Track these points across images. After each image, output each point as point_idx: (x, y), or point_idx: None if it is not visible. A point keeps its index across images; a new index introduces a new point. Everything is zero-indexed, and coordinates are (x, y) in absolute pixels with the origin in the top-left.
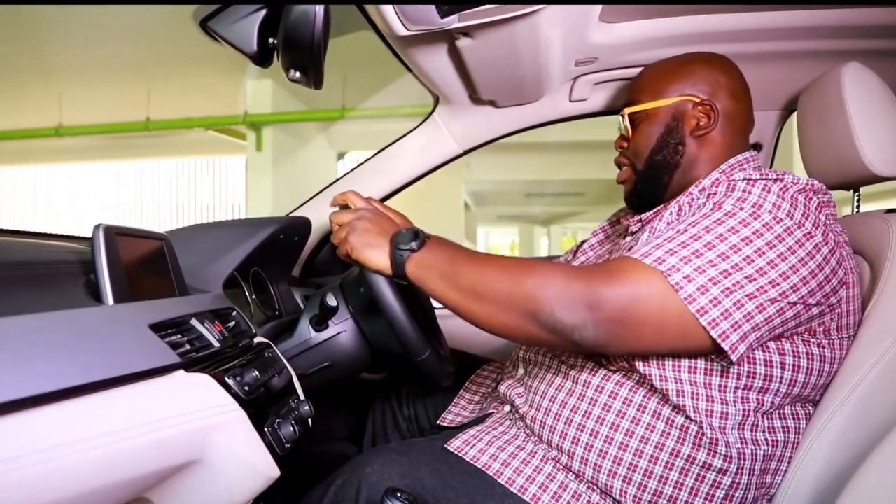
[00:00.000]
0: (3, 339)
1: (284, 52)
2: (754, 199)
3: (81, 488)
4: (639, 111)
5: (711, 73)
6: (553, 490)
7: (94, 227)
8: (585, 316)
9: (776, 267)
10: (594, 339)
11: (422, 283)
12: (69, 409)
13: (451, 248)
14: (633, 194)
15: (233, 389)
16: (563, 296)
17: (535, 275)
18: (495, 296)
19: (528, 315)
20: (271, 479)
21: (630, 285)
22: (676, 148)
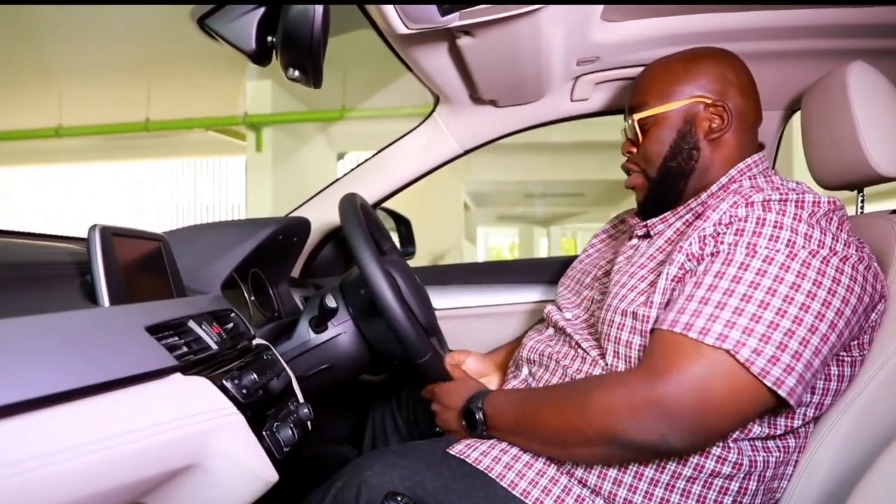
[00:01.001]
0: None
1: (283, 51)
2: (787, 235)
3: (76, 494)
4: (648, 116)
5: (719, 71)
6: (556, 494)
7: (90, 228)
8: (663, 430)
9: (830, 305)
10: (681, 448)
11: (510, 443)
12: (64, 413)
13: (511, 402)
14: (646, 201)
15: (231, 392)
16: (631, 414)
17: (593, 402)
18: (571, 439)
19: (610, 445)
20: (270, 484)
21: (694, 377)
22: (691, 153)
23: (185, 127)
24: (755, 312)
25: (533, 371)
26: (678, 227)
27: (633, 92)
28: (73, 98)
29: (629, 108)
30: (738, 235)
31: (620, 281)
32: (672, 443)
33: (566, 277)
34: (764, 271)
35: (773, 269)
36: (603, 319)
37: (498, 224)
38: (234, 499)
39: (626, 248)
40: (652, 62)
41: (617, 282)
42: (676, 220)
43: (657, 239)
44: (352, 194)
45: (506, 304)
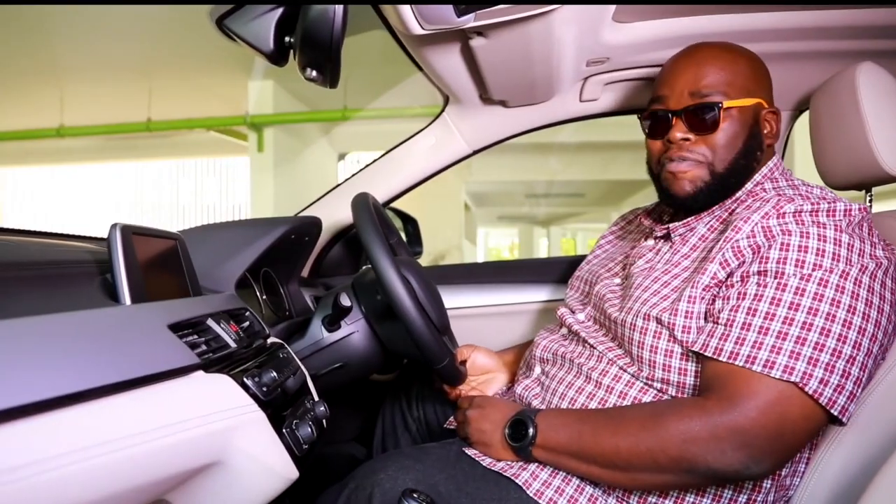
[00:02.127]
0: (20, 339)
1: (302, 51)
2: (832, 249)
3: (102, 492)
4: (734, 106)
5: (769, 78)
6: (570, 495)
7: (111, 226)
8: (743, 458)
9: (879, 324)
10: (761, 473)
11: (555, 466)
12: (90, 410)
13: (570, 424)
14: (698, 196)
15: (251, 390)
16: (710, 444)
17: (669, 428)
18: (640, 464)
19: (683, 472)
20: (290, 481)
21: (771, 408)
22: (756, 155)
23: (186, 127)
24: (818, 341)
25: (546, 370)
26: (703, 233)
27: (694, 74)
28: (75, 98)
29: (693, 92)
30: (783, 251)
31: (643, 285)
32: (753, 470)
33: (575, 279)
34: (820, 296)
35: (828, 293)
36: (623, 321)
37: (498, 224)
38: (255, 496)
39: (644, 250)
40: (705, 47)
41: (639, 285)
42: (700, 226)
43: (680, 244)
44: (364, 194)
45: (514, 304)
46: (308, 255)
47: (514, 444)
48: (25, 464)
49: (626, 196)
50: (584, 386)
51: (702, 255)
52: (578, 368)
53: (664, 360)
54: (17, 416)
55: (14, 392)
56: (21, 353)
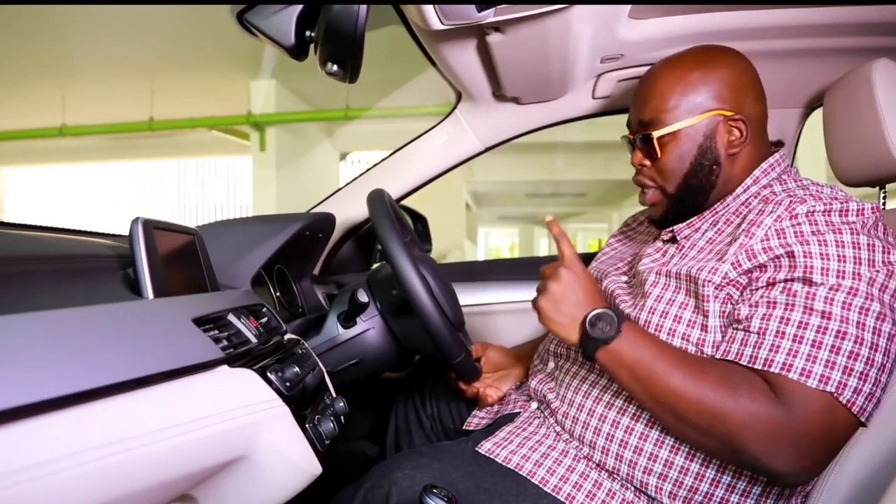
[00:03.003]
0: (47, 333)
1: (324, 45)
2: (853, 253)
3: (130, 488)
4: (667, 133)
5: (735, 79)
6: (587, 489)
7: (133, 220)
8: (790, 462)
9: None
10: (798, 482)
11: (610, 373)
12: (119, 404)
13: (650, 346)
14: (665, 217)
15: (274, 385)
16: (770, 440)
17: (743, 406)
18: (696, 420)
19: (728, 449)
20: (314, 476)
21: (818, 417)
22: (711, 169)
23: (188, 126)
24: (851, 349)
25: (560, 364)
26: (710, 235)
27: (642, 104)
28: (77, 97)
29: (640, 121)
30: (807, 259)
31: (657, 282)
32: (794, 479)
33: None
34: (849, 304)
35: (857, 301)
36: (636, 318)
37: (498, 224)
38: (279, 491)
39: (652, 251)
40: (658, 68)
41: (653, 282)
42: (704, 225)
43: (687, 246)
44: (380, 190)
45: (527, 301)
46: (321, 251)
47: (591, 334)
48: (53, 459)
49: (627, 196)
50: (599, 380)
51: (714, 256)
52: (592, 363)
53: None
54: (46, 410)
55: (43, 386)
56: (48, 346)
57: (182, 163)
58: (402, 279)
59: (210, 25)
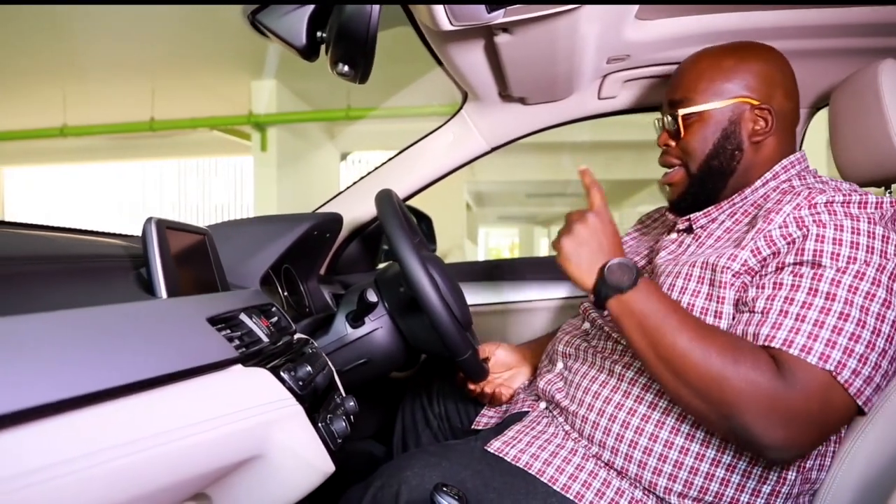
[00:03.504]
0: (64, 333)
1: (336, 46)
2: (866, 241)
3: (147, 488)
4: (693, 113)
5: (767, 71)
6: (596, 487)
7: (146, 220)
8: (781, 436)
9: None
10: (790, 457)
11: (617, 322)
12: (134, 404)
13: (663, 303)
14: (683, 198)
15: (287, 384)
16: (763, 411)
17: (743, 373)
18: (694, 380)
19: (720, 415)
20: (327, 475)
21: (811, 393)
22: (734, 154)
23: (189, 126)
24: (853, 331)
25: (569, 364)
26: (728, 225)
27: (675, 84)
28: (78, 98)
29: (670, 101)
30: (819, 243)
31: (670, 279)
32: (783, 454)
33: None
34: (855, 288)
35: (864, 286)
36: None
37: (498, 224)
38: (292, 489)
39: (668, 243)
40: (696, 54)
41: (669, 272)
42: (721, 215)
43: (704, 236)
44: (388, 190)
45: (534, 301)
46: (328, 251)
47: (608, 279)
48: (70, 459)
49: (628, 196)
50: (608, 380)
51: (732, 244)
52: (602, 362)
53: None
54: (63, 409)
55: (59, 386)
56: (65, 346)
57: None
58: (411, 277)
59: (211, 25)
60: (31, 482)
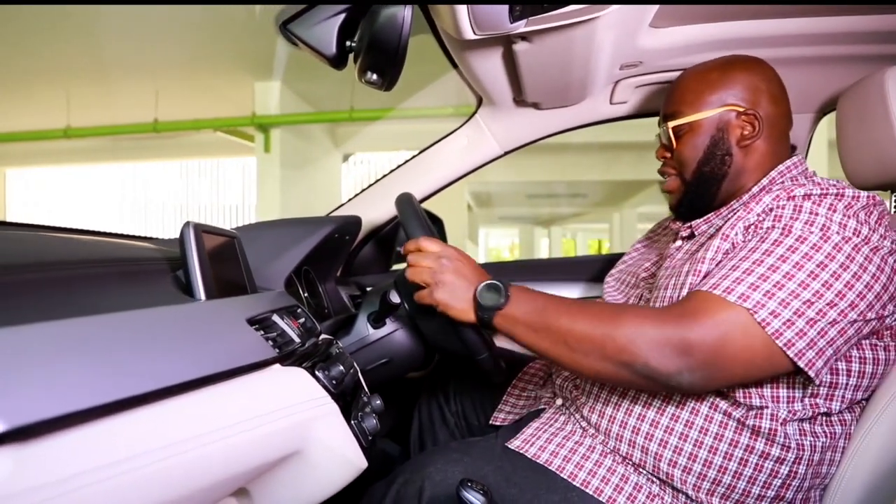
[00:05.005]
0: (108, 336)
1: (367, 55)
2: (822, 220)
3: (194, 485)
4: (682, 124)
5: (751, 80)
6: (615, 482)
7: (185, 224)
8: (679, 363)
9: (853, 288)
10: (690, 384)
11: (510, 335)
12: (180, 405)
13: (537, 300)
14: (681, 204)
15: (322, 382)
16: (655, 345)
17: (624, 325)
18: (587, 347)
19: (622, 365)
20: (360, 470)
21: (717, 326)
22: (723, 159)
23: (193, 128)
24: (779, 281)
25: None
26: (726, 232)
27: (667, 100)
28: (82, 99)
29: (664, 115)
30: (776, 221)
31: (667, 284)
32: (684, 380)
33: (611, 277)
34: (794, 248)
35: (803, 248)
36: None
37: (499, 224)
38: (329, 484)
39: (672, 251)
40: (686, 70)
41: (665, 284)
42: (720, 221)
43: (703, 239)
44: (408, 194)
45: None
46: (346, 253)
47: (484, 304)
48: (119, 460)
49: (628, 196)
50: None
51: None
52: None
53: None
54: (112, 412)
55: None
56: (111, 349)
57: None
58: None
59: (215, 27)
60: (82, 484)
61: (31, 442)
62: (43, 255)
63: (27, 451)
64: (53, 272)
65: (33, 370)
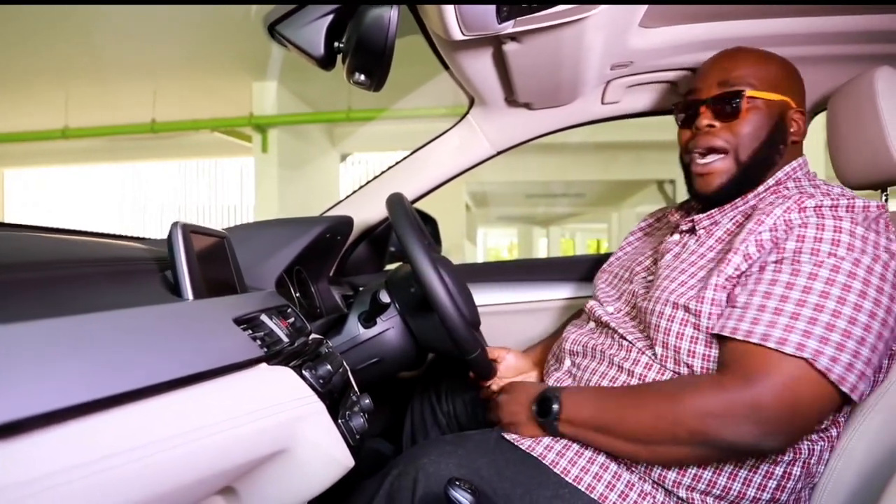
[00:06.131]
0: (96, 335)
1: (354, 56)
2: (847, 239)
3: (179, 482)
4: (757, 97)
5: (800, 83)
6: (607, 480)
7: (173, 224)
8: (756, 431)
9: (881, 304)
10: (777, 447)
11: (579, 440)
12: (166, 403)
13: (589, 398)
14: (726, 188)
15: (309, 381)
16: (726, 418)
17: (685, 403)
18: (658, 438)
19: (701, 445)
20: (347, 468)
21: (783, 384)
22: (779, 149)
23: (191, 128)
24: (828, 322)
25: (577, 362)
26: (728, 227)
27: (727, 68)
28: (80, 99)
29: (725, 81)
30: (799, 242)
31: (670, 276)
32: (766, 444)
33: (603, 272)
34: (832, 280)
35: (840, 278)
36: (650, 310)
37: (497, 224)
38: (314, 483)
39: (671, 244)
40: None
41: (667, 276)
42: (724, 219)
43: (706, 237)
44: (398, 194)
45: (539, 301)
46: (339, 253)
47: (541, 419)
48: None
49: (626, 196)
50: (617, 375)
51: (726, 247)
52: (610, 359)
53: (689, 347)
54: (98, 409)
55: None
56: (99, 348)
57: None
58: (422, 277)
59: (212, 27)
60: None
61: (16, 438)
62: (31, 255)
63: (12, 447)
64: (41, 272)
65: (19, 367)
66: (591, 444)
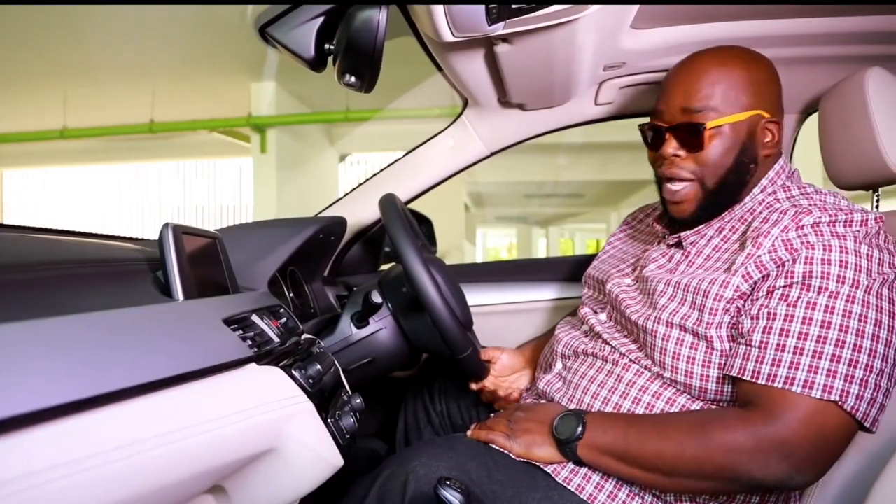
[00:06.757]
0: (85, 335)
1: (344, 58)
2: (853, 260)
3: (167, 480)
4: (722, 124)
5: (774, 85)
6: (595, 481)
7: (163, 225)
8: (784, 468)
9: (892, 328)
10: (805, 483)
11: (597, 466)
12: (155, 402)
13: (618, 426)
14: (696, 214)
15: (298, 381)
16: (758, 456)
17: (713, 437)
18: (684, 470)
19: (727, 481)
20: (336, 468)
21: (811, 424)
22: (748, 167)
23: (189, 128)
24: (851, 358)
25: (567, 365)
26: (716, 243)
27: (687, 91)
28: (78, 100)
29: (685, 109)
30: (808, 265)
31: (665, 292)
32: (797, 480)
33: (588, 278)
34: (848, 313)
35: (856, 309)
36: (644, 327)
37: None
38: (304, 482)
39: (657, 255)
40: (699, 60)
41: (661, 292)
42: (711, 232)
43: (695, 255)
44: (391, 195)
45: (532, 301)
46: (333, 254)
47: (561, 438)
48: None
49: (625, 196)
50: (606, 380)
51: (723, 266)
52: (601, 364)
53: (686, 367)
54: (85, 407)
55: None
56: (88, 348)
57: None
58: (414, 278)
59: (211, 27)
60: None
61: (3, 436)
62: (22, 255)
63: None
64: (32, 272)
65: (7, 367)
66: (610, 471)
